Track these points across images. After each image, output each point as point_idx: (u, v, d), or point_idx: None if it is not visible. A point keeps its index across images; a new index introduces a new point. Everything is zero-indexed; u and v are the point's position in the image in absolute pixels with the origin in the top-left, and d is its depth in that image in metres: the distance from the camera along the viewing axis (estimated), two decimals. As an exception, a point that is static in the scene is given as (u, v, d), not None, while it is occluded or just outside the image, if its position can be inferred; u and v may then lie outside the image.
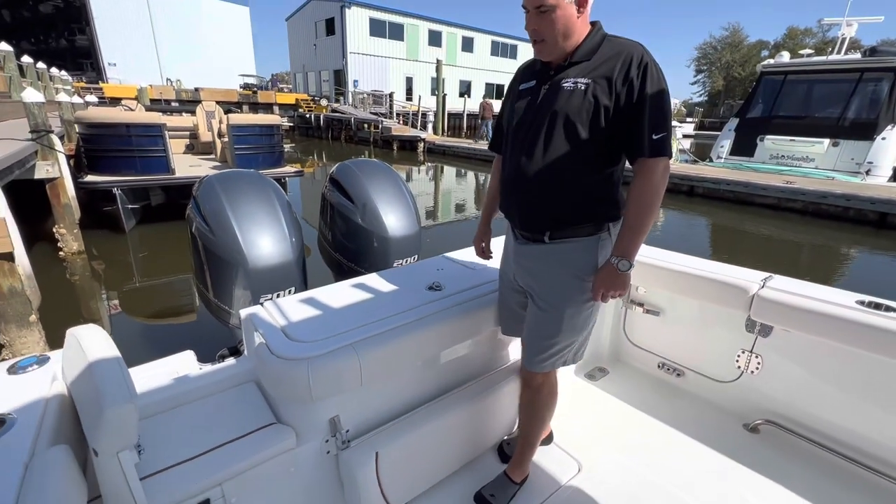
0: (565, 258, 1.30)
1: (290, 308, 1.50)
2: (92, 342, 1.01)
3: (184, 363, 1.60)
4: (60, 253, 5.35)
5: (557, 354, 1.39)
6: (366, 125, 20.52)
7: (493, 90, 33.59)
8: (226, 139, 7.83)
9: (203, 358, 1.73)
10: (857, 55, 10.83)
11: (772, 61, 12.24)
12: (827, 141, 10.50)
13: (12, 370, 1.16)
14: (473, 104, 28.40)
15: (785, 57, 12.05)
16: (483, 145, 16.21)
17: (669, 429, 1.88)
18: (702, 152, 14.09)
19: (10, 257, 2.77)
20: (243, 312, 1.54)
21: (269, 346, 1.29)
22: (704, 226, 8.94)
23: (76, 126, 6.73)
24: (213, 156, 9.18)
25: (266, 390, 1.45)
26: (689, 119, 40.50)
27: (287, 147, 9.16)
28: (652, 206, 1.19)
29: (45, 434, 0.95)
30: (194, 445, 1.22)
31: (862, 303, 1.60)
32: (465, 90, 31.98)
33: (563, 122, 1.20)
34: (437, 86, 20.72)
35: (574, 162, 1.22)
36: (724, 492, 1.59)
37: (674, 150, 11.69)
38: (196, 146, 9.86)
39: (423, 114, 21.89)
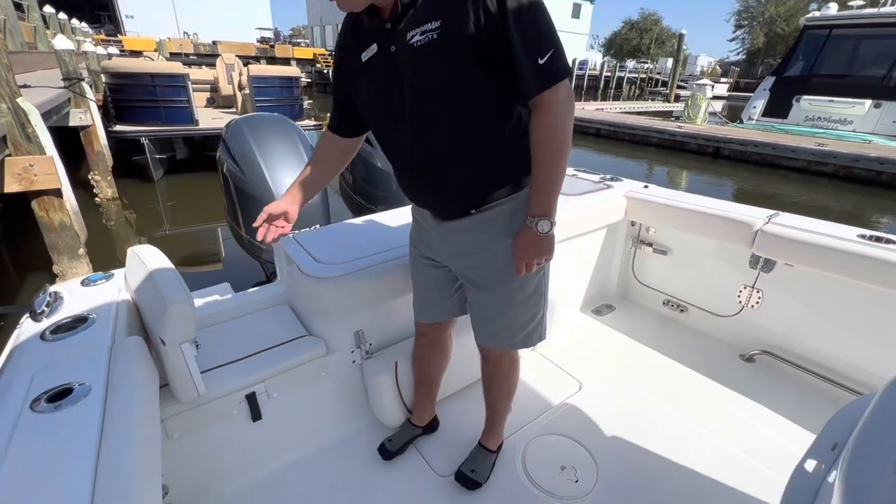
0: (497, 225, 1.08)
1: (317, 237, 1.65)
2: (151, 257, 1.20)
3: (222, 293, 1.78)
4: (96, 199, 5.64)
5: (517, 332, 1.21)
6: (384, 82, 20.04)
7: (515, 46, 32.14)
8: (246, 91, 7.88)
9: (238, 291, 1.93)
10: (914, 7, 10.01)
11: (817, 14, 11.39)
12: (868, 102, 9.92)
13: (85, 283, 1.33)
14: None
15: (832, 9, 11.19)
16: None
17: (669, 359, 2.01)
18: (735, 115, 13.49)
19: (58, 193, 3.00)
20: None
21: (300, 267, 1.43)
22: (727, 189, 8.73)
23: (102, 76, 6.87)
24: (233, 109, 9.27)
25: (298, 309, 1.63)
26: (723, 79, 38.31)
27: (305, 103, 9.17)
28: (562, 146, 0.95)
29: (120, 328, 1.12)
30: (240, 350, 1.41)
31: (863, 236, 1.66)
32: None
33: (439, 90, 0.93)
34: (457, 40, 19.94)
35: (474, 128, 0.97)
36: (716, 410, 1.72)
37: (701, 110, 11.23)
38: (217, 100, 9.94)
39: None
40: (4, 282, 3.88)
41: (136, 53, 17.64)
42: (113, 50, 11.56)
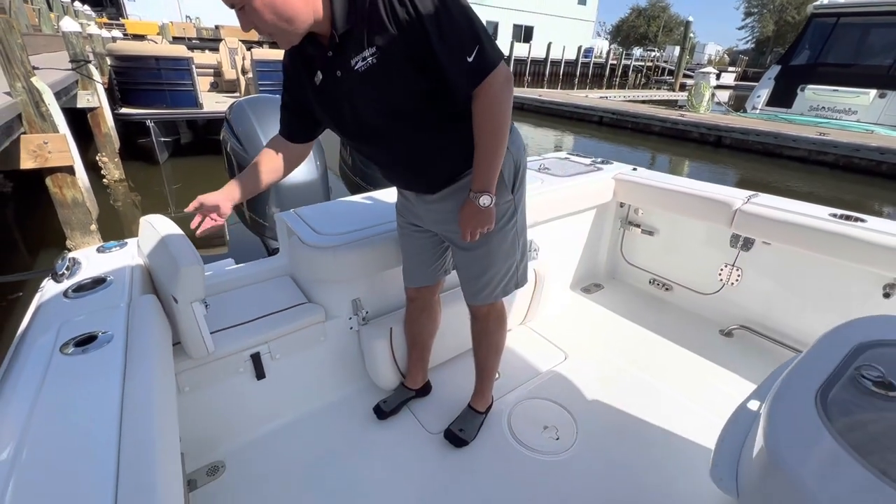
0: (468, 192, 1.16)
1: (317, 212, 1.74)
2: (162, 224, 1.29)
3: (226, 266, 1.88)
4: (104, 180, 5.76)
5: (499, 284, 1.34)
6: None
7: (521, 32, 31.80)
8: (250, 75, 7.93)
9: None
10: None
11: (825, 1, 11.23)
12: (873, 92, 9.84)
13: (100, 250, 1.41)
14: (501, 47, 27.03)
15: (840, -4, 11.03)
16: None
17: (651, 333, 2.12)
18: (742, 105, 13.39)
19: (71, 171, 3.11)
20: (278, 216, 1.79)
21: (301, 238, 1.51)
22: (725, 178, 8.75)
23: (108, 59, 6.93)
24: (237, 94, 9.31)
25: (298, 278, 1.73)
26: (731, 68, 37.71)
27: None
28: (501, 129, 1.04)
29: (136, 287, 1.20)
30: (245, 314, 1.50)
31: (834, 215, 1.76)
32: (492, 32, 30.41)
33: (392, 104, 1.03)
34: (461, 26, 19.74)
35: (431, 124, 1.07)
36: (693, 380, 1.82)
37: (705, 99, 11.17)
38: (220, 84, 9.98)
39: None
40: (19, 258, 4.03)
41: (139, 37, 17.58)
42: (116, 33, 11.57)
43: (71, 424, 0.72)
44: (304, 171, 2.72)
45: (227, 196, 1.22)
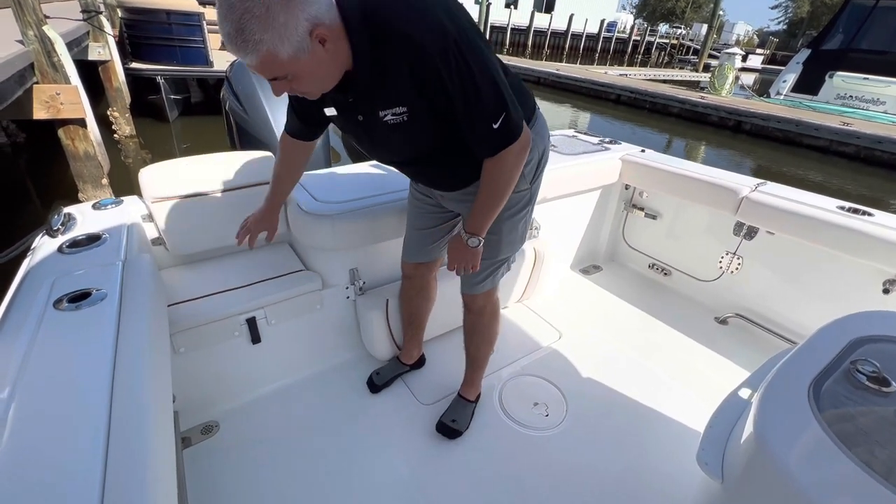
0: None
1: (317, 179, 1.72)
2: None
3: None
4: (115, 136, 5.76)
5: (495, 271, 1.35)
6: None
7: (542, 2, 30.51)
8: (262, 35, 7.75)
9: None
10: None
11: (866, -18, 10.62)
12: (904, 82, 9.46)
13: (96, 207, 1.40)
14: (521, 17, 26.10)
15: (882, -23, 10.41)
16: (523, 62, 15.15)
17: (647, 317, 2.13)
18: (766, 90, 12.92)
19: (83, 123, 3.12)
20: None
21: (300, 205, 1.49)
22: (741, 166, 8.56)
23: (119, 11, 6.81)
24: (248, 53, 9.14)
25: (297, 246, 1.74)
26: (759, 50, 36.16)
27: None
28: (505, 189, 1.06)
29: (132, 246, 1.18)
30: (242, 279, 1.52)
31: (842, 208, 1.72)
32: (513, 1, 29.19)
33: (417, 146, 1.07)
34: (481, -8, 19.03)
35: (449, 151, 1.07)
36: (685, 365, 1.84)
37: (728, 81, 10.80)
38: (231, 42, 9.77)
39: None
40: (33, 209, 4.11)
41: (150, -11, 17.14)
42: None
43: (63, 378, 0.72)
44: (307, 135, 2.71)
45: (271, 210, 1.34)
